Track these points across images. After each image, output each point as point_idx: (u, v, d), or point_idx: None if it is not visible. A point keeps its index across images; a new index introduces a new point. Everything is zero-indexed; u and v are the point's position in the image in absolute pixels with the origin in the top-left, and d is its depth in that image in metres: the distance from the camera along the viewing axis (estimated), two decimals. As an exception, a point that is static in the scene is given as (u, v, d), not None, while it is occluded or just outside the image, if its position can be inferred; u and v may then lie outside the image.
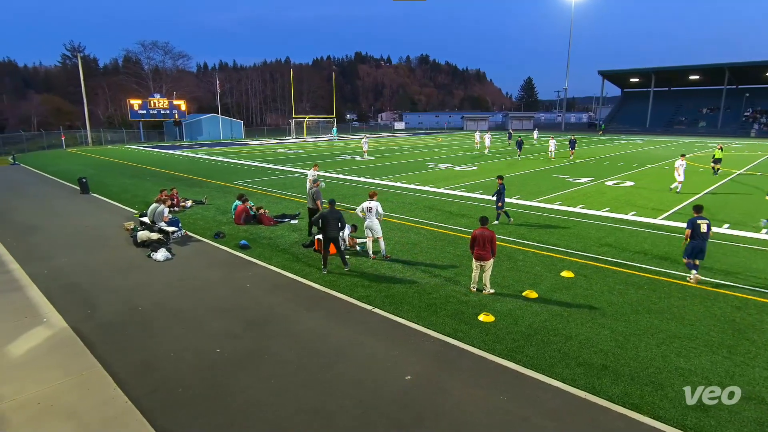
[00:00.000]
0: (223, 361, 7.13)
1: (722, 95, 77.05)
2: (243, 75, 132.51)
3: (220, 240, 13.71)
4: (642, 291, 9.66)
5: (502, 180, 15.13)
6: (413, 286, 9.97)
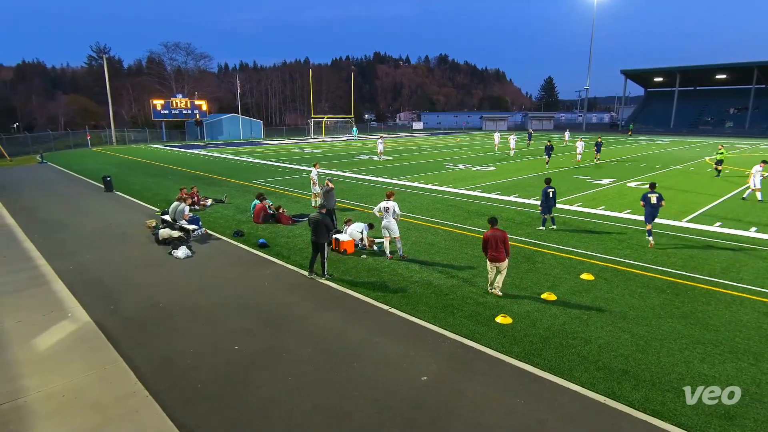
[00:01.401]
0: (241, 358, 7.22)
1: (750, 95, 74.89)
2: (263, 75, 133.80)
3: (239, 238, 13.88)
4: (664, 295, 9.45)
5: (548, 183, 14.40)
6: (430, 287, 9.94)
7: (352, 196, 20.55)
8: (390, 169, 30.15)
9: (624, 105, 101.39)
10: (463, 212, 17.00)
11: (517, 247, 12.55)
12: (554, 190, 14.20)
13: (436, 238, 13.60)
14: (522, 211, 17.25)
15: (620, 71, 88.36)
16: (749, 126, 72.91)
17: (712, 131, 73.73)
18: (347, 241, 12.33)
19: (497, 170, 29.06)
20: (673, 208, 17.50)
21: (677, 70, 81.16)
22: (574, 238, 13.45)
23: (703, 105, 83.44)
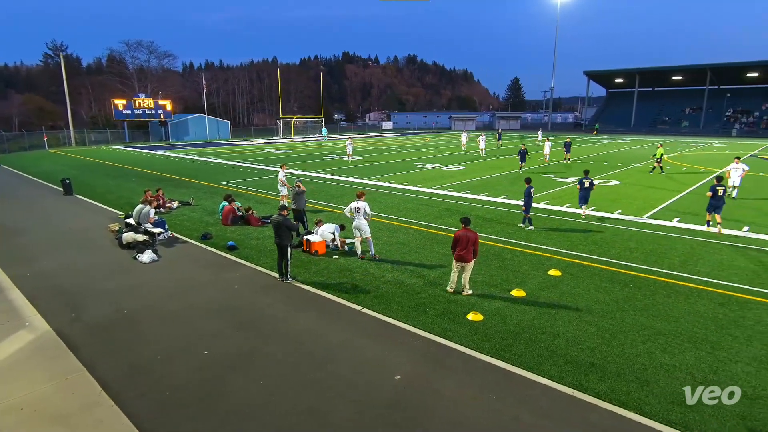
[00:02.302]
0: (214, 362, 7.08)
1: (704, 95, 78.44)
2: (230, 75, 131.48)
3: (208, 241, 13.59)
4: (627, 289, 9.80)
5: (528, 183, 14.68)
6: (402, 286, 9.99)
7: (322, 196, 20.44)
8: (360, 169, 30.13)
9: (587, 105, 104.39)
10: (433, 211, 17.15)
11: (486, 245, 12.77)
12: (533, 190, 14.51)
13: (407, 238, 13.68)
14: (491, 209, 17.54)
15: (583, 72, 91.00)
16: (704, 125, 76.31)
17: (670, 130, 76.82)
18: (318, 242, 12.26)
19: (466, 169, 29.45)
20: (634, 205, 18.15)
21: (636, 72, 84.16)
22: (542, 235, 13.77)
23: (660, 105, 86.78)
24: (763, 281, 10.13)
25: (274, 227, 10.41)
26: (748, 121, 74.35)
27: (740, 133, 69.99)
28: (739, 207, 17.77)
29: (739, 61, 75.97)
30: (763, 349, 7.33)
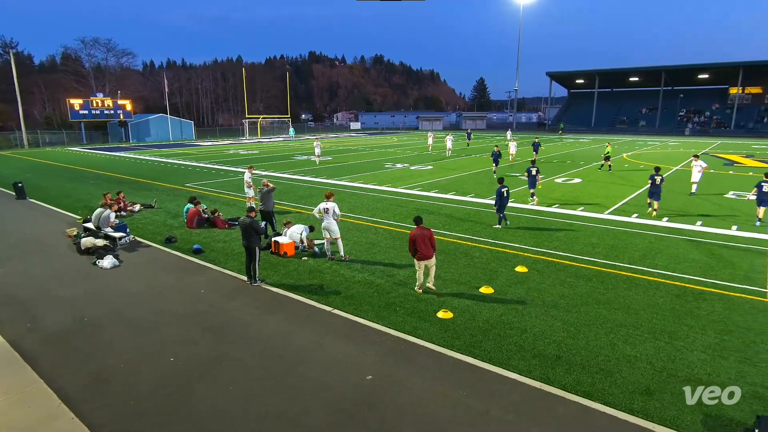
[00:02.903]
0: (180, 369, 6.89)
1: (659, 96, 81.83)
2: (193, 74, 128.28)
3: (172, 245, 13.23)
4: (591, 283, 10.11)
5: (502, 183, 14.67)
6: (372, 286, 10.00)
7: (290, 197, 20.22)
8: (329, 169, 29.97)
9: (550, 105, 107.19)
10: (402, 211, 17.24)
11: (455, 243, 12.93)
12: (508, 189, 14.61)
13: (376, 238, 13.70)
14: (459, 208, 17.76)
15: (546, 73, 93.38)
16: (659, 125, 79.62)
17: (628, 130, 79.77)
18: (287, 244, 12.12)
19: (434, 169, 29.73)
20: (595, 202, 18.75)
21: (596, 73, 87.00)
22: (509, 233, 14.05)
23: (619, 105, 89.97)
24: (715, 273, 10.65)
25: (241, 229, 10.23)
26: (700, 121, 78.06)
27: (693, 132, 73.33)
28: (693, 203, 18.62)
29: (691, 63, 79.68)
30: (717, 337, 7.70)
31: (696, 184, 20.51)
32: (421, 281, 9.67)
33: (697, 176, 20.44)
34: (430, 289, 9.63)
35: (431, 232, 9.45)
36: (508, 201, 14.74)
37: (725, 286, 9.86)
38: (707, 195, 20.23)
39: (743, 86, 75.74)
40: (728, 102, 78.23)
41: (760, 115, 74.62)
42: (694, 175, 20.52)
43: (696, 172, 20.45)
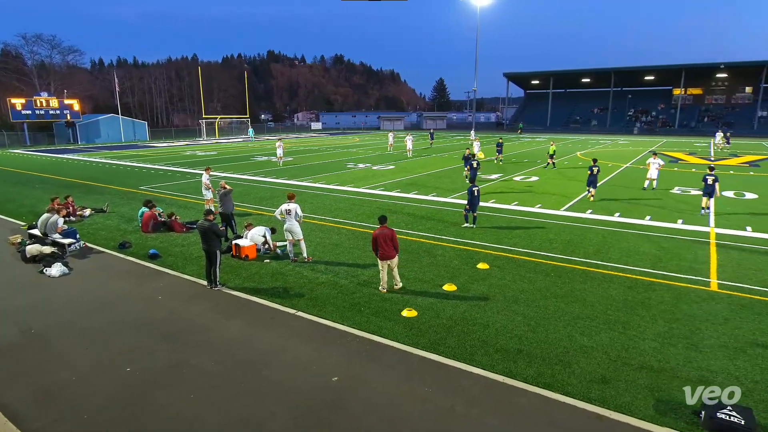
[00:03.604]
0: (137, 379, 6.63)
1: (610, 97, 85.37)
2: (145, 72, 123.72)
3: (126, 250, 12.71)
4: (549, 278, 10.43)
5: (472, 182, 14.83)
6: (336, 287, 9.95)
7: (251, 199, 19.84)
8: (290, 170, 29.60)
9: (507, 105, 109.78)
10: (365, 211, 17.24)
11: (418, 242, 13.05)
12: (479, 188, 14.77)
13: (340, 238, 13.64)
14: (421, 207, 17.93)
15: (503, 74, 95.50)
16: (610, 124, 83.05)
17: (581, 129, 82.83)
18: (248, 247, 11.88)
19: (397, 168, 29.88)
20: (552, 199, 19.37)
21: (551, 74, 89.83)
22: (470, 231, 14.30)
23: (573, 105, 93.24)
24: (663, 264, 11.21)
25: (200, 233, 9.96)
26: (647, 120, 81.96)
27: (641, 131, 76.92)
28: (641, 198, 19.53)
29: (638, 65, 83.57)
30: (666, 325, 8.12)
31: (654, 180, 21.64)
32: (384, 281, 9.70)
33: (654, 173, 21.57)
34: (396, 288, 9.68)
35: (393, 232, 9.50)
36: (479, 200, 14.97)
37: (673, 277, 10.40)
38: (656, 190, 21.25)
39: (685, 88, 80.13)
40: (672, 102, 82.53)
41: (700, 115, 79.18)
42: (652, 172, 21.64)
43: (653, 169, 21.59)
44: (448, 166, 30.69)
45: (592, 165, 19.26)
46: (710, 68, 76.98)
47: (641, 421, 5.66)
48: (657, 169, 21.62)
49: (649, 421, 5.67)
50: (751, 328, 7.99)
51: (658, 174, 21.75)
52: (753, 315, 8.51)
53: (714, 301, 9.12)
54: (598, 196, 19.48)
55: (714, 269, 10.90)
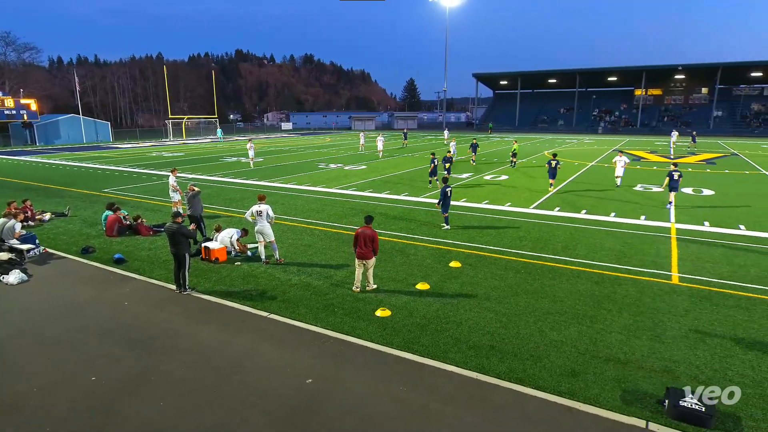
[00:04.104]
0: (103, 388, 6.41)
1: (575, 97, 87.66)
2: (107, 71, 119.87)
3: (90, 255, 12.28)
4: (519, 274, 10.63)
5: (445, 183, 14.75)
6: (309, 288, 9.88)
7: (220, 201, 19.47)
8: (261, 171, 29.20)
9: (477, 105, 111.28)
10: (338, 211, 17.17)
11: (391, 242, 13.08)
12: (451, 189, 14.77)
13: (312, 239, 13.54)
14: (393, 206, 17.98)
15: (472, 74, 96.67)
16: (576, 124, 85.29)
17: (548, 129, 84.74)
18: (219, 249, 11.66)
19: (369, 168, 29.88)
20: (521, 197, 19.74)
21: (518, 75, 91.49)
22: (442, 230, 14.43)
23: (540, 105, 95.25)
24: (628, 259, 11.59)
25: (168, 236, 9.70)
26: (611, 120, 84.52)
27: (605, 131, 79.24)
28: (606, 196, 20.13)
29: (602, 66, 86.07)
30: (631, 318, 8.39)
31: (620, 177, 22.37)
32: (358, 280, 9.71)
33: (620, 170, 22.31)
34: (369, 290, 9.67)
35: (375, 234, 9.49)
36: (450, 200, 15.01)
37: (637, 271, 10.76)
38: (619, 189, 21.94)
39: (646, 88, 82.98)
40: (634, 103, 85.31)
41: (661, 114, 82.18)
42: (618, 170, 22.36)
43: (619, 167, 22.32)
44: (420, 165, 30.86)
45: (551, 159, 21.36)
46: (669, 70, 79.96)
47: (609, 412, 5.84)
48: (623, 167, 22.36)
49: (617, 411, 5.85)
50: (709, 319, 8.35)
51: (623, 171, 22.47)
52: (711, 306, 8.89)
53: (675, 294, 9.49)
54: (565, 193, 19.99)
55: (675, 263, 11.34)
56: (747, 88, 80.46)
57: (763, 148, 45.22)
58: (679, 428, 5.54)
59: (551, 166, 21.37)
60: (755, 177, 25.97)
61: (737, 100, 79.07)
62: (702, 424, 5.55)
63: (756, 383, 6.43)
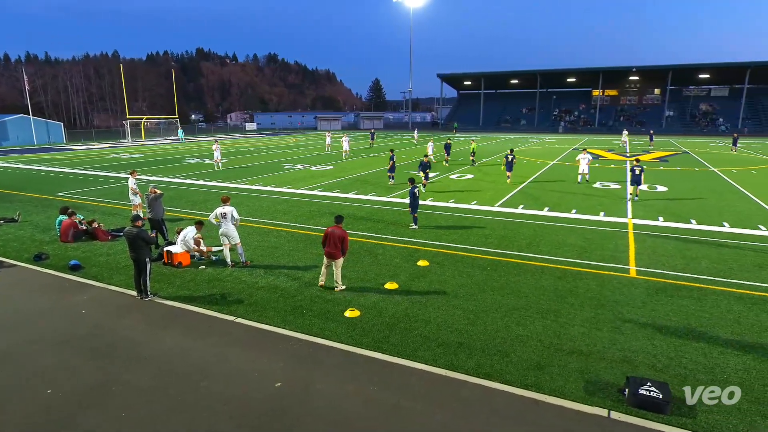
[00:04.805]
0: (60, 401, 6.12)
1: (536, 97, 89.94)
2: (60, 70, 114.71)
3: (43, 262, 11.71)
4: (486, 272, 10.82)
5: (412, 183, 14.68)
6: (277, 291, 9.75)
7: (182, 203, 18.95)
8: (225, 172, 28.59)
9: (442, 105, 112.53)
10: (304, 212, 17.01)
11: (359, 242, 13.06)
12: (419, 189, 14.77)
13: (279, 241, 13.36)
14: (361, 207, 17.97)
15: (437, 75, 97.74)
16: (537, 123, 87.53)
17: (511, 128, 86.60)
18: (181, 253, 11.34)
19: (336, 169, 29.74)
20: (486, 195, 20.10)
21: (482, 75, 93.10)
22: (410, 230, 14.51)
23: (503, 105, 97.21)
24: (588, 255, 11.98)
25: (128, 241, 9.37)
26: (570, 120, 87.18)
27: (565, 130, 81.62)
28: (567, 193, 20.74)
29: (561, 68, 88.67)
30: (592, 311, 8.68)
31: (587, 174, 23.26)
32: (324, 274, 9.77)
33: (584, 167, 23.18)
34: (336, 291, 9.63)
35: (345, 234, 9.49)
36: (418, 201, 14.98)
37: (597, 266, 11.14)
38: (579, 186, 22.65)
39: (603, 89, 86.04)
40: (592, 103, 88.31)
41: (617, 114, 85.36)
42: (583, 167, 23.22)
43: (584, 164, 23.22)
44: (387, 165, 30.90)
45: (508, 154, 23.87)
46: (624, 71, 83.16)
47: (573, 403, 6.02)
48: (587, 164, 23.25)
49: (581, 402, 6.04)
50: (665, 310, 8.74)
51: (588, 168, 23.34)
52: (666, 297, 9.31)
53: (633, 287, 9.88)
54: (529, 191, 20.47)
55: (632, 257, 11.80)
56: (696, 89, 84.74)
57: (711, 146, 47.68)
58: (638, 415, 5.77)
59: (508, 160, 23.53)
60: (705, 174, 27.35)
61: (687, 101, 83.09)
62: (660, 410, 5.79)
63: (708, 369, 6.77)
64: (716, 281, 10.14)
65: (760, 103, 77.72)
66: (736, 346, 7.43)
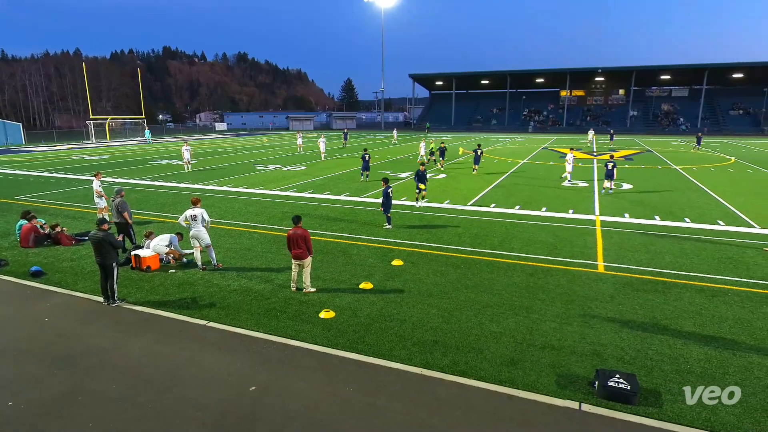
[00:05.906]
0: (22, 413, 5.88)
1: (506, 98, 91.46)
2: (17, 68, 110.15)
3: (2, 269, 11.22)
4: (459, 270, 10.94)
5: (386, 183, 14.55)
6: (250, 293, 9.61)
7: (151, 206, 18.46)
8: (195, 173, 28.00)
9: (414, 105, 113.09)
10: (277, 213, 16.82)
11: (332, 243, 13.00)
12: (392, 189, 14.71)
13: (251, 242, 13.18)
14: (335, 207, 17.89)
15: (409, 75, 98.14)
16: (507, 123, 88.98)
17: (482, 128, 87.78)
18: (150, 257, 11.05)
19: (308, 169, 29.52)
20: (459, 195, 20.31)
21: (453, 76, 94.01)
22: (384, 229, 14.54)
23: (474, 105, 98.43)
24: (559, 252, 12.26)
25: (93, 245, 9.07)
26: (539, 120, 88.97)
27: (534, 130, 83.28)
28: (537, 191, 21.17)
29: (531, 69, 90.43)
30: (563, 307, 8.89)
31: (569, 173, 23.75)
32: (294, 280, 9.68)
33: (569, 167, 23.77)
34: (306, 292, 9.56)
35: (307, 233, 9.42)
36: (391, 201, 14.92)
37: (567, 262, 11.41)
38: (549, 184, 23.15)
39: (570, 90, 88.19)
40: (560, 103, 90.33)
41: (584, 114, 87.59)
42: (568, 166, 23.82)
43: (570, 165, 23.83)
44: (359, 165, 30.86)
45: (477, 148, 27.37)
46: (590, 72, 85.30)
47: (546, 397, 6.15)
48: (571, 164, 23.90)
49: (553, 395, 6.18)
50: (632, 304, 9.02)
51: (572, 168, 23.97)
52: (633, 291, 9.61)
53: (602, 282, 10.16)
54: (500, 190, 20.78)
55: (600, 253, 12.14)
56: (658, 90, 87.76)
57: (673, 145, 49.49)
58: (608, 407, 5.94)
59: (477, 154, 27.07)
60: (667, 171, 28.37)
61: (650, 101, 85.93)
62: (628, 401, 5.98)
63: (672, 359, 7.03)
64: (679, 275, 10.53)
65: (717, 104, 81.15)
66: (698, 336, 7.73)
